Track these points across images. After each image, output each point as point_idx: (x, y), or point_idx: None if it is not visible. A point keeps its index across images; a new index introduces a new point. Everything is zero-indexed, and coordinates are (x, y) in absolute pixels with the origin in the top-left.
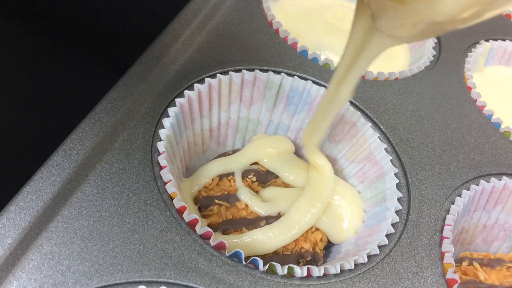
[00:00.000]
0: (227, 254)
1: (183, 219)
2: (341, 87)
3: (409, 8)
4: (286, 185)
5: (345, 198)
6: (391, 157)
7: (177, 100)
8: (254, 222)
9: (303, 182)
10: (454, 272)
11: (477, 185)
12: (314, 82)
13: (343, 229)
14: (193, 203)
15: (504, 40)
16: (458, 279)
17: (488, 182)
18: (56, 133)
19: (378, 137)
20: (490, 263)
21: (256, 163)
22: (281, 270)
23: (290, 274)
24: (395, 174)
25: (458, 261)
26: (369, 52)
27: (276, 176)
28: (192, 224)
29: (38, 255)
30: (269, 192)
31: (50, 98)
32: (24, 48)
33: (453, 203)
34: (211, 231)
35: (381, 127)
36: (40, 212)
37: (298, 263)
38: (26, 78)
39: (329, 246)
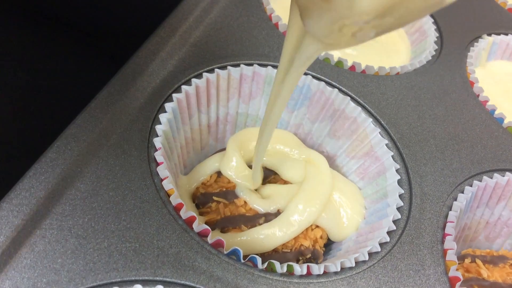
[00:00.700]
0: (225, 252)
1: (180, 217)
2: (279, 95)
3: (330, 5)
4: (285, 182)
5: (345, 194)
6: (392, 153)
7: (174, 95)
8: (253, 219)
9: (302, 179)
10: (457, 269)
11: (480, 181)
12: (314, 77)
13: (343, 226)
14: (191, 200)
15: (506, 34)
16: (461, 277)
17: (491, 178)
18: (51, 129)
19: (379, 132)
20: (493, 260)
21: None
22: (280, 268)
23: (290, 272)
24: (397, 170)
25: (461, 258)
26: (301, 57)
27: (276, 173)
28: (189, 222)
29: (31, 254)
30: (268, 189)
31: (46, 93)
32: (21, 43)
33: (455, 200)
34: (209, 228)
35: (382, 122)
36: (34, 210)
37: (297, 261)
38: (22, 73)
39: (329, 243)
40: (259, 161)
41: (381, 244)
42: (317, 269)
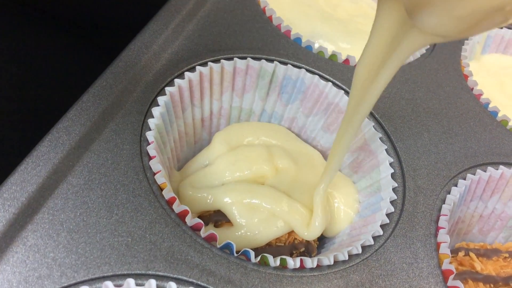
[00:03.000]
0: (218, 246)
1: (172, 210)
2: (362, 101)
3: None
4: None
5: (339, 189)
6: (386, 146)
7: (167, 89)
8: None
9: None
10: (450, 262)
11: (474, 174)
12: (307, 70)
13: (337, 221)
14: None
15: (501, 28)
16: (454, 270)
17: (485, 171)
18: (44, 123)
19: (373, 126)
20: (487, 253)
21: None
22: (274, 261)
23: (283, 266)
24: (390, 164)
25: (454, 251)
26: (399, 56)
27: None
28: (182, 216)
29: (22, 248)
30: None
31: (38, 87)
32: (12, 37)
33: (449, 193)
34: (202, 222)
35: (376, 116)
36: (25, 204)
37: (291, 254)
38: (14, 68)
39: (323, 237)
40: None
41: (374, 238)
42: (310, 262)
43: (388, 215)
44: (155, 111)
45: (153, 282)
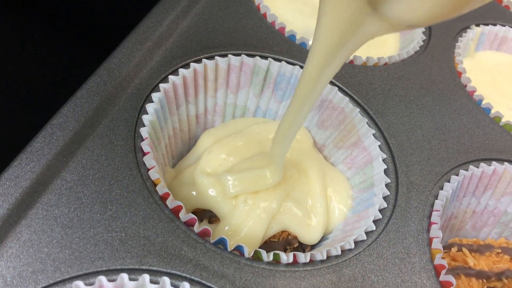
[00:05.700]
0: (211, 241)
1: (166, 206)
2: (315, 87)
3: None
4: None
5: (333, 185)
6: (379, 143)
7: (161, 86)
8: None
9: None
10: (443, 258)
11: (466, 170)
12: (301, 67)
13: (331, 218)
14: None
15: (495, 25)
16: (446, 265)
17: (478, 167)
18: (39, 119)
19: (367, 122)
20: (479, 249)
21: None
22: (267, 256)
23: (276, 261)
24: (383, 160)
25: (447, 247)
26: (355, 42)
27: None
28: (175, 211)
29: (17, 243)
30: None
31: (33, 84)
32: (7, 34)
33: (441, 189)
34: (195, 217)
35: (370, 112)
36: (19, 199)
37: (285, 250)
38: (10, 65)
39: None
40: (282, 156)
41: (367, 233)
42: (303, 257)
43: (381, 210)
44: (149, 107)
45: (146, 277)
